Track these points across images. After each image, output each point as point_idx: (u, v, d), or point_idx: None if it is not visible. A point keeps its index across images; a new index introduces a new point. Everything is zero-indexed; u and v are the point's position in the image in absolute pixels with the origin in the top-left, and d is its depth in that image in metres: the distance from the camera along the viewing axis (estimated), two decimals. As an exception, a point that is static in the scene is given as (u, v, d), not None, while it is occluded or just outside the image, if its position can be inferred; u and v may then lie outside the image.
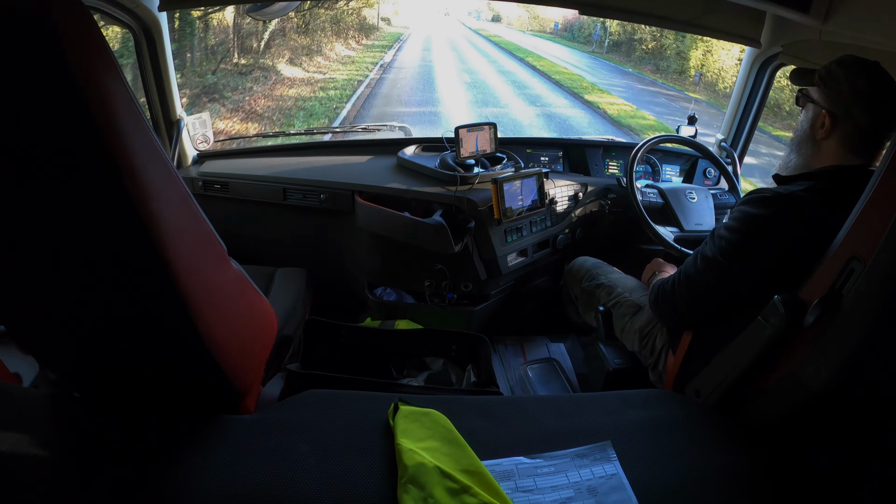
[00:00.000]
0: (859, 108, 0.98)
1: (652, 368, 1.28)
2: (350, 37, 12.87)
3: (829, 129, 1.01)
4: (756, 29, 1.68)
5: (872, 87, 0.97)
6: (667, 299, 1.12)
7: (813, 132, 1.05)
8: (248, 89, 8.05)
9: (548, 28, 21.27)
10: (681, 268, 1.12)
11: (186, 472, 0.73)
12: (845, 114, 0.99)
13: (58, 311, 0.73)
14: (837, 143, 1.01)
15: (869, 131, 0.98)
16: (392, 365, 1.31)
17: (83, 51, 0.57)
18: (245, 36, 8.40)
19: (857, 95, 0.98)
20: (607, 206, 1.88)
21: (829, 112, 1.01)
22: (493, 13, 29.05)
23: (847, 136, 1.00)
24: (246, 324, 0.90)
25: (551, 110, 9.29)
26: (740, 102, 1.90)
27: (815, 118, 1.04)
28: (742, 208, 1.02)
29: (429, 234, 1.58)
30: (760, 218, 0.97)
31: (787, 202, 0.96)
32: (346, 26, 12.58)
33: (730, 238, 1.02)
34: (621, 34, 14.85)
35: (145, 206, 0.62)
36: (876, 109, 0.97)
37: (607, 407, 0.94)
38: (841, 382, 0.77)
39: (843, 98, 0.99)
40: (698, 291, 1.06)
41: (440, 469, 0.72)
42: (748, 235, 0.99)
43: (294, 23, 9.84)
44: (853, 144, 1.00)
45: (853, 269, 0.76)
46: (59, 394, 0.88)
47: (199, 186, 1.87)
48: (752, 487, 0.79)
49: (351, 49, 12.63)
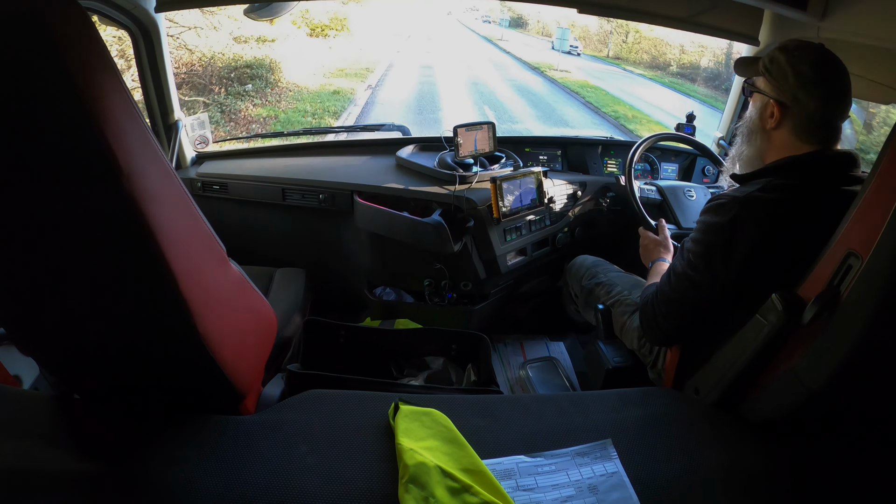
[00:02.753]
0: (806, 94, 0.95)
1: (651, 367, 1.28)
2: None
3: (779, 118, 0.99)
4: (754, 27, 1.68)
5: (817, 72, 0.95)
6: (649, 320, 1.10)
7: (763, 122, 1.03)
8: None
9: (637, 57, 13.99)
10: (658, 285, 1.10)
11: (187, 473, 0.73)
12: (793, 101, 0.97)
13: (57, 314, 0.73)
14: (788, 131, 0.99)
15: (818, 117, 0.96)
16: (392, 364, 1.31)
17: (81, 52, 0.57)
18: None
19: (803, 81, 0.95)
20: (606, 204, 1.88)
21: (776, 101, 0.99)
22: (512, 14, 24.01)
23: (797, 124, 0.98)
24: (246, 324, 0.90)
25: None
26: (739, 100, 1.90)
27: (764, 108, 1.02)
28: (702, 219, 1.01)
29: (428, 233, 1.58)
30: (720, 226, 0.96)
31: (744, 206, 0.94)
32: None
33: (695, 250, 1.00)
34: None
35: (144, 207, 0.62)
36: (823, 94, 0.95)
37: (607, 405, 0.94)
38: (840, 379, 0.77)
39: (789, 85, 0.97)
40: (675, 307, 1.05)
41: (441, 468, 0.72)
42: (711, 245, 0.97)
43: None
44: (805, 131, 0.98)
45: (851, 265, 0.76)
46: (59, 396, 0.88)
47: (197, 187, 1.87)
48: (751, 484, 0.79)
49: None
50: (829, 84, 0.95)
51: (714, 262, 0.97)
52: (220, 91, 7.53)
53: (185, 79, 7.00)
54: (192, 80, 7.14)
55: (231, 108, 7.41)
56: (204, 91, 7.27)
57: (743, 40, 1.73)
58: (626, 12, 1.67)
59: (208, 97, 7.24)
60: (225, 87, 7.62)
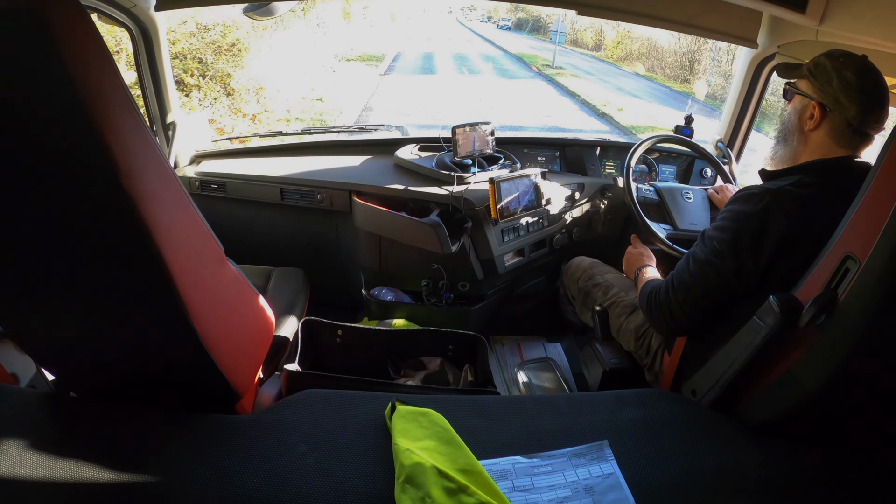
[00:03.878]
0: (848, 99, 0.98)
1: (648, 368, 1.28)
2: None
3: (819, 120, 1.02)
4: (753, 29, 1.69)
5: (861, 79, 0.98)
6: (661, 307, 1.09)
7: (801, 123, 1.05)
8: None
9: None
10: (672, 273, 1.10)
11: (183, 473, 0.73)
12: (834, 104, 1.00)
13: (54, 311, 0.73)
14: (825, 134, 1.02)
15: (856, 123, 0.99)
16: (389, 365, 1.31)
17: (80, 51, 0.56)
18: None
19: (847, 86, 0.98)
20: (604, 205, 1.89)
21: (818, 103, 1.02)
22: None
23: (835, 127, 1.01)
24: (243, 324, 0.90)
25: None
26: (737, 103, 1.91)
27: (804, 110, 1.05)
28: (731, 207, 1.02)
29: (426, 233, 1.58)
30: (750, 214, 0.97)
31: (776, 197, 0.96)
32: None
33: (721, 237, 1.00)
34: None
35: (142, 205, 0.62)
36: (864, 101, 0.98)
37: (604, 406, 0.94)
38: (837, 381, 0.78)
39: (832, 89, 1.00)
40: (694, 295, 1.04)
41: (437, 468, 0.72)
42: (739, 233, 0.98)
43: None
44: (841, 135, 1.01)
45: (848, 268, 0.77)
46: (56, 394, 0.88)
47: (195, 186, 1.86)
48: (748, 486, 0.79)
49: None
50: (871, 93, 0.98)
51: (742, 250, 0.97)
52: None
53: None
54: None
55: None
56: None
57: (741, 42, 1.74)
58: (626, 14, 1.68)
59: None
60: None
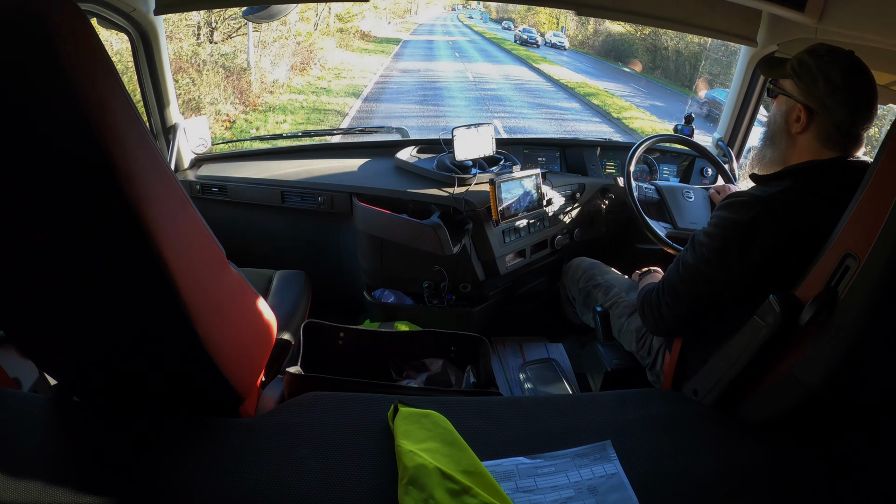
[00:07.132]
0: (835, 102, 0.94)
1: (649, 368, 1.28)
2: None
3: (805, 123, 0.98)
4: (752, 28, 1.69)
5: (848, 80, 0.94)
6: (652, 308, 1.10)
7: (787, 126, 1.02)
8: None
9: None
10: (664, 276, 1.10)
11: (186, 476, 0.73)
12: (821, 108, 0.96)
13: (56, 316, 0.73)
14: (813, 137, 0.98)
15: (845, 126, 0.95)
16: (391, 366, 1.31)
17: (80, 55, 0.57)
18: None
19: (833, 88, 0.94)
20: (605, 205, 1.88)
21: (804, 106, 0.98)
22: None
23: (823, 130, 0.97)
24: (245, 327, 0.90)
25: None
26: (737, 101, 1.91)
27: (790, 112, 1.01)
28: (720, 213, 1.00)
29: (427, 235, 1.58)
30: (739, 223, 0.95)
31: (765, 206, 0.94)
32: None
33: (710, 244, 0.99)
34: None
35: (143, 210, 0.62)
36: (852, 103, 0.94)
37: (606, 406, 0.94)
38: (838, 380, 0.78)
39: (819, 91, 0.96)
40: (682, 299, 1.04)
41: (441, 470, 0.72)
42: (727, 241, 0.97)
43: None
44: (830, 139, 0.97)
45: (848, 266, 0.76)
46: (58, 398, 0.88)
47: (196, 190, 1.87)
48: (750, 485, 0.79)
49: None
50: (859, 94, 0.95)
51: (729, 259, 0.97)
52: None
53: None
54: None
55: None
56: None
57: (741, 41, 1.74)
58: (625, 13, 1.68)
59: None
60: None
